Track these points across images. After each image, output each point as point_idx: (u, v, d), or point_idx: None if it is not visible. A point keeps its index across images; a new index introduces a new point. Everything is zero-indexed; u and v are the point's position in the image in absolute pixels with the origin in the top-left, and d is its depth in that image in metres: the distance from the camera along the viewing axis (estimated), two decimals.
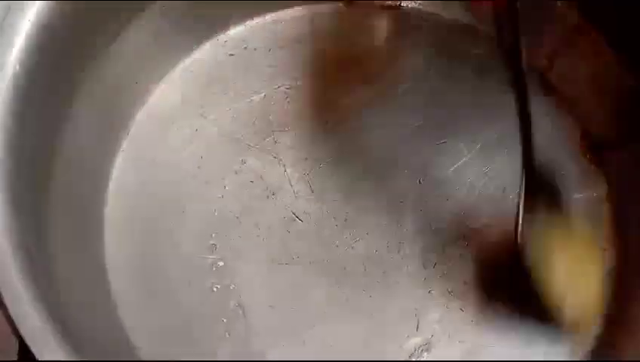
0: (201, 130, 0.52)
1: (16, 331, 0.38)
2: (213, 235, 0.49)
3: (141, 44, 0.51)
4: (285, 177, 0.51)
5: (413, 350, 0.47)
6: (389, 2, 0.55)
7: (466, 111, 0.52)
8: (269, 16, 0.54)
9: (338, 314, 0.48)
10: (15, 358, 0.42)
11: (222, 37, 0.54)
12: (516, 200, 0.48)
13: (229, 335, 0.47)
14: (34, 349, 0.37)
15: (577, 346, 0.47)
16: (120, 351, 0.45)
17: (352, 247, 0.49)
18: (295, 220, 0.50)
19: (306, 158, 0.51)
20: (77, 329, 0.41)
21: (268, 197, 0.50)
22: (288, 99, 0.53)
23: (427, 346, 0.47)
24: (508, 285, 0.48)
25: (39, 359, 0.37)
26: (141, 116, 0.52)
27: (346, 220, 0.50)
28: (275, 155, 0.51)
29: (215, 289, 0.48)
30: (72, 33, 0.46)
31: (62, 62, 0.46)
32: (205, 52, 0.54)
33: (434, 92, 0.53)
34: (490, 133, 0.52)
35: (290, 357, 0.47)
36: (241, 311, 0.48)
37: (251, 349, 0.47)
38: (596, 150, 0.51)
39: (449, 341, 0.47)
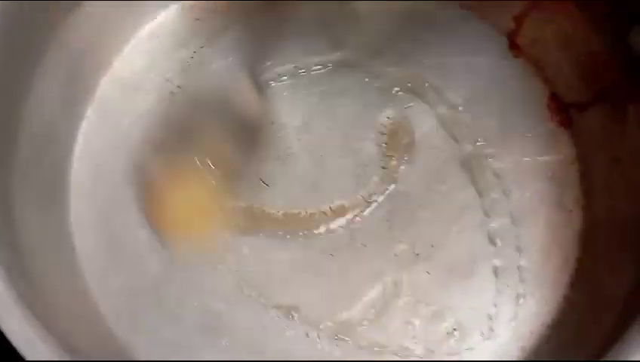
0: (166, 95, 0.51)
1: None
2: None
3: (105, 9, 0.50)
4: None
5: (379, 312, 0.47)
6: None
7: (434, 76, 0.52)
8: None
9: (304, 277, 0.48)
10: None
11: (188, 1, 0.53)
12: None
13: (194, 299, 0.47)
14: None
15: None
16: (85, 315, 0.45)
17: (319, 211, 0.49)
18: (261, 185, 0.50)
19: (272, 123, 0.51)
20: (41, 293, 0.41)
21: None
22: (254, 66, 0.52)
23: (393, 308, 0.47)
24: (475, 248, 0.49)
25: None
26: (106, 82, 0.51)
27: (312, 184, 0.50)
28: None
29: (181, 254, 0.48)
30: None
31: (24, 29, 0.45)
32: (171, 16, 0.53)
33: (402, 56, 0.52)
34: (456, 96, 0.52)
35: (258, 321, 0.47)
36: (207, 277, 0.47)
37: (218, 311, 0.47)
38: (564, 112, 0.51)
39: (416, 303, 0.47)
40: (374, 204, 0.49)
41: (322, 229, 0.49)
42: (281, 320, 0.47)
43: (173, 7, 0.53)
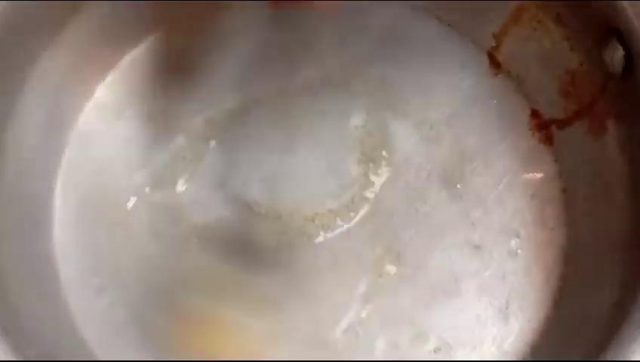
0: (149, 121, 0.52)
1: None
2: (164, 225, 0.49)
3: (87, 37, 0.50)
4: (236, 167, 0.51)
5: (363, 333, 0.47)
6: None
7: (415, 95, 0.52)
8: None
9: (288, 300, 0.48)
10: None
11: (169, 27, 0.54)
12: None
13: (179, 325, 0.47)
14: None
15: None
16: (68, 342, 0.46)
17: (302, 233, 0.49)
18: (245, 207, 0.50)
19: (257, 147, 0.51)
20: (24, 320, 0.42)
21: (219, 186, 0.50)
22: (237, 89, 0.53)
23: (377, 329, 0.47)
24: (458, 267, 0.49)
25: None
26: (89, 109, 0.52)
27: (295, 206, 0.50)
28: (226, 145, 0.51)
29: (165, 279, 0.48)
30: (15, 26, 0.46)
31: (6, 58, 0.46)
32: (152, 44, 0.53)
33: (383, 76, 0.53)
34: (438, 115, 0.52)
35: (243, 345, 0.47)
36: (190, 301, 0.48)
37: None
38: (545, 128, 0.51)
39: (400, 324, 0.48)
40: (357, 225, 0.50)
41: (306, 251, 0.49)
42: (266, 343, 0.47)
43: (156, 34, 0.53)
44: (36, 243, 0.48)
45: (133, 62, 0.53)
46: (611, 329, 0.42)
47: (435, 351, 0.47)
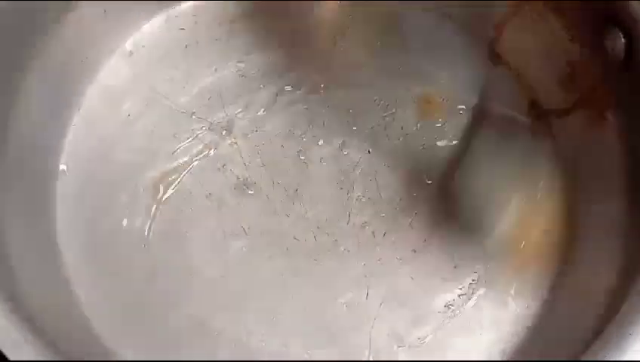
0: (152, 104, 0.52)
1: None
2: (165, 208, 0.50)
3: (91, 19, 0.51)
4: (236, 149, 0.51)
5: (363, 316, 0.47)
6: None
7: (415, 84, 0.53)
8: None
9: (289, 283, 0.48)
10: None
11: (173, 11, 0.54)
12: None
13: (180, 306, 0.47)
14: None
15: None
16: (73, 325, 0.45)
17: (303, 217, 0.50)
18: (246, 191, 0.50)
19: (257, 131, 0.52)
20: (28, 299, 0.41)
21: (219, 169, 0.51)
22: (239, 73, 0.53)
23: (377, 313, 0.47)
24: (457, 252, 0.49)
25: None
26: (92, 91, 0.52)
27: (296, 190, 0.50)
28: (226, 128, 0.52)
29: (166, 261, 0.48)
30: (21, 7, 0.46)
31: (11, 38, 0.46)
32: (156, 26, 0.54)
33: (384, 66, 0.53)
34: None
35: (242, 326, 0.47)
36: (191, 283, 0.48)
37: (202, 320, 0.47)
38: (544, 118, 0.52)
39: (399, 308, 0.48)
40: (357, 210, 0.50)
41: (306, 235, 0.49)
42: (264, 326, 0.47)
43: (159, 18, 0.53)
44: (39, 224, 0.48)
45: (137, 44, 0.53)
46: (610, 314, 0.42)
47: (434, 334, 0.47)
